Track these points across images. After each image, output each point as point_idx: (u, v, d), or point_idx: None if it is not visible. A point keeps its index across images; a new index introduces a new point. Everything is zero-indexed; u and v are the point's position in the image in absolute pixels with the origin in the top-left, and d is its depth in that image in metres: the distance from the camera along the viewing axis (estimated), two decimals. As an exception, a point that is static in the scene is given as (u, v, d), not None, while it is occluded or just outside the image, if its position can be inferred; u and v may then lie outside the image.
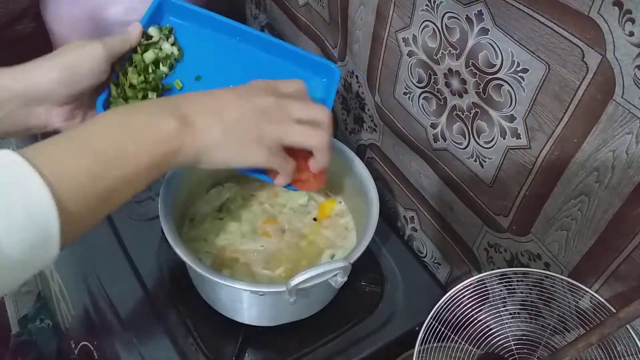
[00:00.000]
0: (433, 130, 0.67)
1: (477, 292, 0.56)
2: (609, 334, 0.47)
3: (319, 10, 0.83)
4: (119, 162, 0.41)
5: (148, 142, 0.43)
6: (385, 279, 0.75)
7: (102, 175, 0.40)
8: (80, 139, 0.41)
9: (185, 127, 0.45)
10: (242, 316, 0.66)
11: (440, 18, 0.57)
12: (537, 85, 0.49)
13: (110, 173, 0.40)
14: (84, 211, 0.39)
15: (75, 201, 0.37)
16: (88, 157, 0.40)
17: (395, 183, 0.81)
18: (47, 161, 0.37)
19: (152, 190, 0.81)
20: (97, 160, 0.40)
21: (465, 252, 0.70)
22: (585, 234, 0.51)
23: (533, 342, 0.56)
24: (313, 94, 0.63)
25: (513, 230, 0.60)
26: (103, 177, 0.40)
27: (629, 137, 0.43)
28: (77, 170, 0.39)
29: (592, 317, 0.52)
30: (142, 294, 0.70)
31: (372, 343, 0.69)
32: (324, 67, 0.66)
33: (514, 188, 0.57)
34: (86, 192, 0.39)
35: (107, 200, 0.41)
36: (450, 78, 0.60)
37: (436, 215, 0.74)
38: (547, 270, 0.55)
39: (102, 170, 0.40)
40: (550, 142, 0.51)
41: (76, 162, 0.39)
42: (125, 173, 0.42)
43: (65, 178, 0.37)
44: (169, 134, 0.44)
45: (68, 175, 0.38)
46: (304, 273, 0.54)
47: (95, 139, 0.41)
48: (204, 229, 0.70)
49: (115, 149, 0.41)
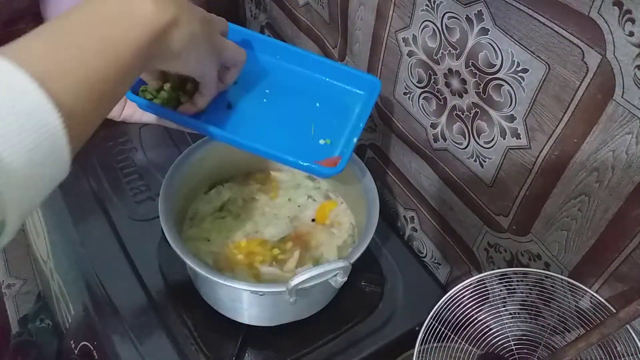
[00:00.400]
0: (433, 130, 0.67)
1: (477, 292, 0.56)
2: (609, 334, 0.47)
3: (319, 10, 0.83)
4: (106, 50, 0.38)
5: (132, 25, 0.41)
6: (385, 279, 0.75)
7: (92, 64, 0.37)
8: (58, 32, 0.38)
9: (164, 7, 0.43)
10: (242, 316, 0.66)
11: (440, 18, 0.57)
12: (537, 85, 0.49)
13: (100, 62, 0.38)
14: (82, 105, 0.36)
15: (70, 94, 0.35)
16: (71, 47, 0.37)
17: (395, 183, 0.81)
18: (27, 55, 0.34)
19: (152, 190, 0.81)
20: (83, 50, 0.37)
21: (465, 252, 0.70)
22: (585, 234, 0.51)
23: (533, 342, 0.56)
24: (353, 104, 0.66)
25: (513, 230, 0.60)
26: (93, 67, 0.37)
27: (629, 137, 0.43)
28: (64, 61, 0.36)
29: (592, 317, 0.52)
30: (142, 294, 0.70)
31: (372, 343, 0.69)
32: (364, 81, 0.67)
33: (514, 188, 0.57)
34: (79, 83, 0.36)
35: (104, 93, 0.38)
36: (450, 78, 0.60)
37: (436, 215, 0.74)
38: (547, 270, 0.55)
39: (90, 59, 0.37)
40: (550, 142, 0.51)
41: (60, 53, 0.36)
42: (116, 61, 0.39)
43: (52, 70, 0.34)
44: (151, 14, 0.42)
45: (54, 67, 0.35)
46: (304, 273, 0.54)
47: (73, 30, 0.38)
48: (204, 228, 0.70)
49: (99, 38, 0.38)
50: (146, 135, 0.90)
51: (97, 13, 0.40)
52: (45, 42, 0.36)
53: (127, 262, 0.73)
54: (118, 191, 0.81)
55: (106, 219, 0.77)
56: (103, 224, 0.77)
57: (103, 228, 0.76)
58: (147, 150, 0.88)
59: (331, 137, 0.63)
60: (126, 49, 0.40)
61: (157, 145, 0.89)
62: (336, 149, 0.62)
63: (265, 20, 1.05)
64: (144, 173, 0.84)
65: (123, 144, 0.88)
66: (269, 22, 1.04)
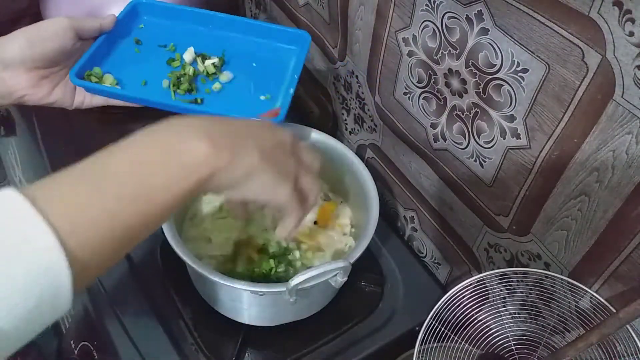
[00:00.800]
0: (433, 130, 0.67)
1: (477, 292, 0.56)
2: (609, 334, 0.47)
3: (319, 10, 0.83)
4: (143, 198, 0.35)
5: (178, 170, 0.37)
6: (385, 279, 0.75)
7: (122, 215, 0.34)
8: (97, 173, 0.35)
9: (219, 150, 0.39)
10: (242, 316, 0.66)
11: (440, 18, 0.57)
12: (537, 85, 0.49)
13: (132, 211, 0.34)
14: (99, 258, 0.33)
15: (89, 248, 0.32)
16: (106, 195, 0.34)
17: (395, 183, 0.81)
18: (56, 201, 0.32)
19: (152, 190, 0.81)
20: (118, 199, 0.34)
21: (465, 252, 0.70)
22: (585, 234, 0.51)
23: (533, 342, 0.56)
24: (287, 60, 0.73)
25: (513, 230, 0.60)
26: (123, 218, 0.34)
27: (629, 137, 0.43)
28: (93, 212, 0.33)
29: (592, 317, 0.52)
30: (142, 294, 0.70)
31: (372, 343, 0.68)
32: (294, 36, 0.74)
33: (514, 188, 0.57)
34: (102, 237, 0.33)
35: (124, 243, 0.35)
36: (450, 78, 0.60)
37: (436, 215, 0.74)
38: (547, 270, 0.55)
39: (122, 209, 0.34)
40: (550, 142, 0.51)
41: (92, 202, 0.33)
42: (150, 209, 0.35)
43: (79, 224, 0.32)
44: (201, 160, 0.38)
45: (83, 221, 0.32)
46: (304, 273, 0.54)
47: (115, 173, 0.35)
48: (205, 228, 0.70)
49: (139, 182, 0.35)
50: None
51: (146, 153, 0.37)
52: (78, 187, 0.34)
53: (127, 262, 0.73)
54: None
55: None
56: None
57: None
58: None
59: (270, 92, 0.69)
60: (165, 196, 0.36)
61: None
62: (276, 101, 0.68)
63: (265, 20, 1.05)
64: (144, 173, 0.84)
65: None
66: (269, 22, 1.04)
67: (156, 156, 0.37)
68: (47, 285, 0.30)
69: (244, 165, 0.41)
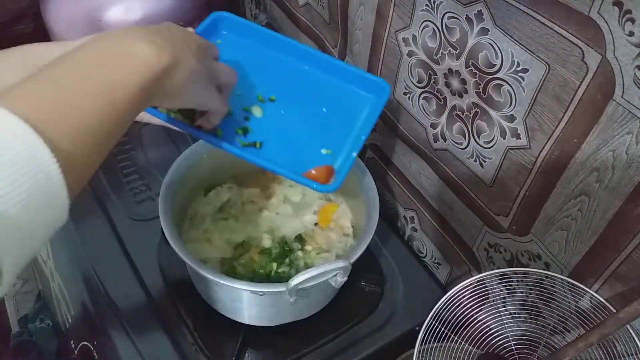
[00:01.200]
0: (433, 130, 0.67)
1: (477, 292, 0.56)
2: (609, 334, 0.47)
3: (319, 10, 0.83)
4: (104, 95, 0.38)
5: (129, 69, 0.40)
6: (385, 279, 0.75)
7: (90, 110, 0.36)
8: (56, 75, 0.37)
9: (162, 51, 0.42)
10: (242, 316, 0.66)
11: (440, 18, 0.57)
12: (537, 85, 0.49)
13: (96, 106, 0.37)
14: (81, 150, 0.35)
15: (68, 139, 0.34)
16: (68, 92, 0.36)
17: (395, 183, 0.81)
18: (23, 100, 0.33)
19: (152, 190, 0.81)
20: (80, 95, 0.36)
21: (465, 252, 0.70)
22: (585, 234, 0.51)
23: (533, 342, 0.56)
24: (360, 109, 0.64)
25: (513, 230, 0.60)
26: (92, 112, 0.36)
27: (629, 137, 0.43)
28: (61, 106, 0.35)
29: (592, 317, 0.52)
30: (142, 294, 0.70)
31: (372, 343, 0.69)
32: (373, 84, 0.65)
33: (514, 188, 0.57)
34: (78, 128, 0.35)
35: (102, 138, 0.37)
36: (450, 78, 0.60)
37: (436, 215, 0.74)
38: (547, 270, 0.55)
39: (85, 104, 0.36)
40: (550, 142, 0.51)
41: (57, 98, 0.35)
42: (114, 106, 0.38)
43: (49, 115, 0.34)
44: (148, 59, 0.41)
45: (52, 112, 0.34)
46: (304, 273, 0.54)
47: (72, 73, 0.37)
48: (205, 229, 0.70)
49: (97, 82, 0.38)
50: (146, 135, 0.90)
51: (95, 56, 0.40)
52: (40, 86, 0.36)
53: (127, 262, 0.73)
54: (118, 191, 0.81)
55: (106, 219, 0.77)
56: (103, 224, 0.77)
57: (103, 228, 0.76)
58: (147, 150, 0.88)
59: (333, 147, 0.61)
60: (124, 93, 0.39)
61: (157, 145, 0.89)
62: (336, 160, 0.60)
63: (265, 20, 1.05)
64: (144, 173, 0.84)
65: (123, 144, 0.88)
66: (269, 22, 1.04)
67: (107, 57, 0.40)
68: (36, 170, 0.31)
69: (187, 67, 0.45)
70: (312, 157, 0.60)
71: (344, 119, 0.64)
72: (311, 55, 0.66)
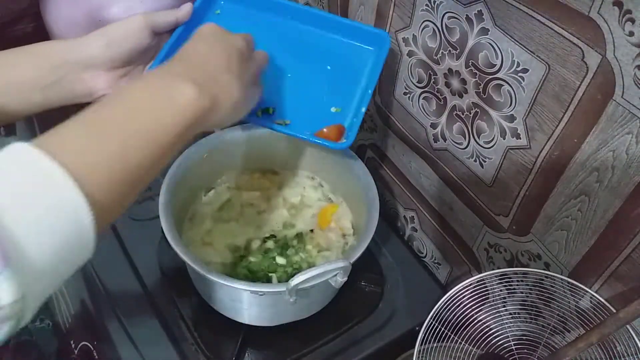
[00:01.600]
0: (433, 130, 0.67)
1: (477, 292, 0.56)
2: (609, 334, 0.47)
3: (319, 10, 0.83)
4: (145, 140, 0.38)
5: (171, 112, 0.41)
6: (385, 279, 0.75)
7: (128, 157, 0.37)
8: (97, 122, 0.38)
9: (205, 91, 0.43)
10: (242, 316, 0.66)
11: (440, 18, 0.57)
12: (537, 85, 0.49)
13: (137, 153, 0.38)
14: (113, 198, 0.36)
15: (103, 190, 0.35)
16: (113, 141, 0.37)
17: (395, 183, 0.81)
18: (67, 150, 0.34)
19: (152, 190, 0.81)
20: (121, 142, 0.37)
21: (465, 252, 0.70)
22: (585, 234, 0.51)
23: (533, 342, 0.56)
24: (363, 63, 0.66)
25: (513, 230, 0.60)
26: (129, 159, 0.37)
27: (629, 137, 0.43)
28: (101, 156, 0.36)
29: (592, 317, 0.52)
30: (142, 294, 0.70)
31: (372, 343, 0.68)
32: (373, 35, 0.66)
33: (514, 188, 0.57)
34: (114, 178, 0.36)
35: (136, 183, 0.38)
36: (450, 78, 0.60)
37: (436, 215, 0.74)
38: (547, 270, 0.55)
39: (126, 151, 0.37)
40: (550, 142, 0.51)
41: (98, 148, 0.36)
42: (153, 150, 0.39)
43: (89, 166, 0.34)
44: (190, 100, 0.42)
45: (92, 163, 0.35)
46: (304, 273, 0.54)
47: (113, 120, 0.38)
48: (205, 230, 0.70)
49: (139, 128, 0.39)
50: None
51: (138, 101, 0.41)
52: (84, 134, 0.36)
53: (127, 262, 0.73)
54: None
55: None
56: (103, 224, 0.77)
57: (103, 228, 0.76)
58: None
59: (342, 104, 0.64)
60: (165, 138, 0.40)
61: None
62: (346, 117, 0.63)
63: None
64: (144, 173, 0.84)
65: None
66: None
67: (149, 102, 0.41)
68: (73, 225, 0.32)
69: (228, 103, 0.46)
70: (323, 117, 0.63)
71: (349, 75, 0.66)
72: (310, 14, 0.68)
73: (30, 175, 0.31)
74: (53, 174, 0.32)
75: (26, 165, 0.32)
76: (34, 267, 0.30)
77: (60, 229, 0.31)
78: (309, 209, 0.75)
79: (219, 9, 0.68)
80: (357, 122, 0.61)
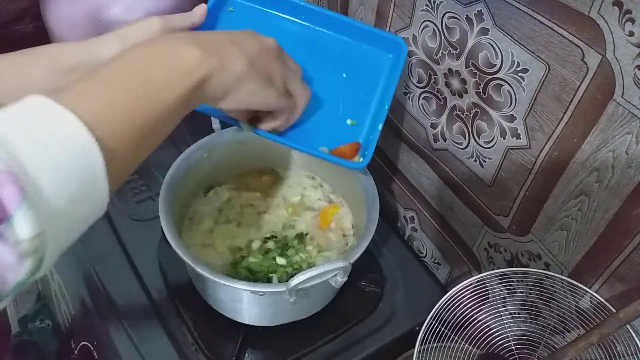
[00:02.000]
0: (433, 130, 0.67)
1: (477, 292, 0.56)
2: (609, 334, 0.47)
3: (319, 10, 0.83)
4: (149, 96, 0.40)
5: (175, 72, 0.42)
6: (385, 279, 0.75)
7: (136, 110, 0.38)
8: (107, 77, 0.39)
9: (209, 55, 0.44)
10: (242, 316, 0.66)
11: (440, 18, 0.57)
12: (537, 85, 0.49)
13: (143, 108, 0.39)
14: (124, 148, 0.37)
15: (114, 137, 0.36)
16: (117, 92, 0.38)
17: (395, 183, 0.81)
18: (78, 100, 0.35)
19: (152, 190, 0.81)
20: (128, 96, 0.38)
21: (465, 252, 0.70)
22: (585, 234, 0.51)
23: (533, 342, 0.56)
24: (379, 70, 0.63)
25: (513, 230, 0.60)
26: (137, 113, 0.38)
27: (629, 137, 0.43)
28: (110, 106, 0.37)
29: (592, 317, 0.52)
30: (142, 294, 0.70)
31: (372, 343, 0.68)
32: (391, 42, 0.64)
33: (514, 188, 0.57)
34: (123, 128, 0.37)
35: (144, 137, 0.39)
36: (450, 78, 0.60)
37: (436, 215, 0.74)
38: (547, 270, 0.55)
39: (134, 105, 0.38)
40: (550, 142, 0.51)
41: (107, 99, 0.37)
42: (158, 107, 0.40)
43: (99, 115, 0.35)
44: (195, 63, 0.43)
45: (101, 112, 0.36)
46: (304, 273, 0.54)
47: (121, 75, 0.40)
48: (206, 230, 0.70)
49: (143, 83, 0.40)
50: (146, 135, 0.89)
51: (144, 59, 0.42)
52: (94, 87, 0.38)
53: (127, 262, 0.73)
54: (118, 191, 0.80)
55: (106, 219, 0.77)
56: (103, 224, 0.77)
57: (103, 228, 0.76)
58: (147, 150, 0.88)
59: (357, 117, 0.61)
60: (169, 94, 0.41)
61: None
62: (361, 132, 0.61)
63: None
64: (144, 173, 0.84)
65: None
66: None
67: (154, 61, 0.42)
68: (85, 166, 0.33)
69: (233, 70, 0.46)
70: (339, 130, 0.60)
71: (365, 84, 0.63)
72: (325, 16, 0.65)
73: (42, 119, 0.32)
74: (65, 117, 0.33)
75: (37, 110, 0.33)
76: (51, 205, 0.31)
77: (74, 168, 0.32)
78: (309, 209, 0.75)
79: (233, 6, 0.66)
80: (374, 139, 0.59)
